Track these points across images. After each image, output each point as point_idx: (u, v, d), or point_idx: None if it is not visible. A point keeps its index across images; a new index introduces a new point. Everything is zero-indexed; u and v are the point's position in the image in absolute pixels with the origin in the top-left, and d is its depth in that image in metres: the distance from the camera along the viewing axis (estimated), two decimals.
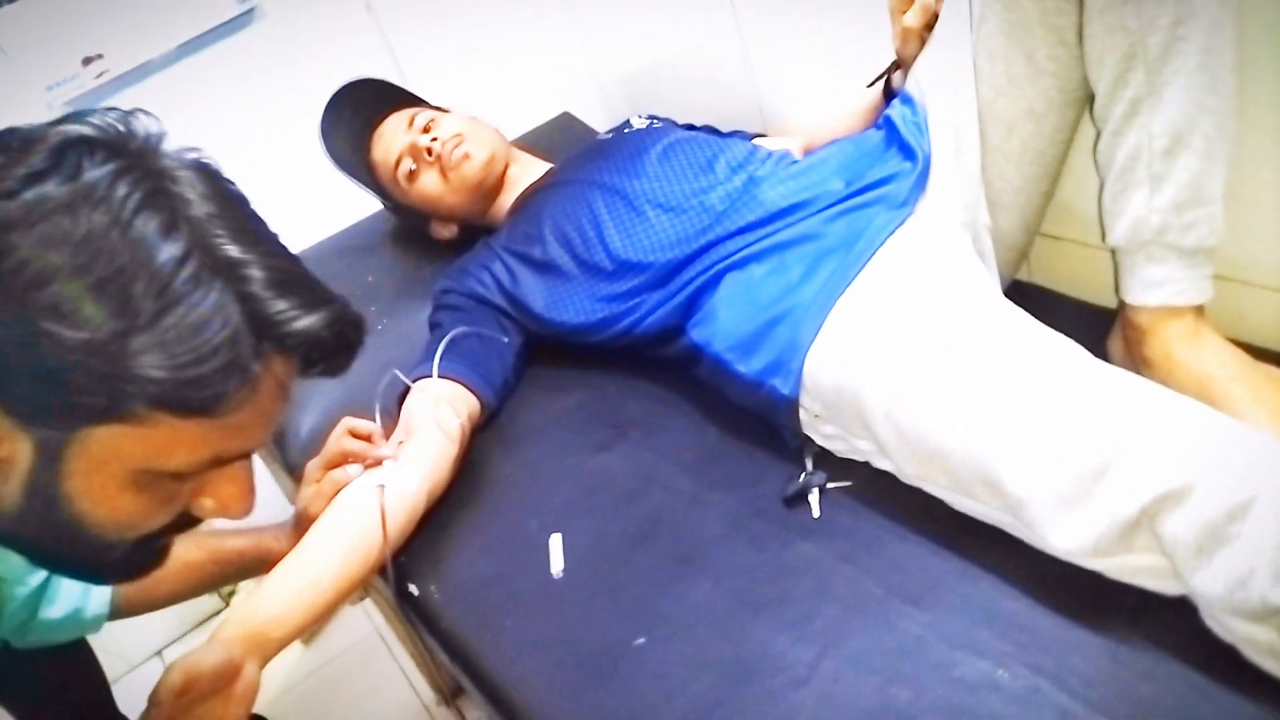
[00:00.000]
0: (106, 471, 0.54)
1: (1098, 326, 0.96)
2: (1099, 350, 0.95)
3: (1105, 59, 0.80)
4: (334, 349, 0.58)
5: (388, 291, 1.45)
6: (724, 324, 1.00)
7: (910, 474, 0.84)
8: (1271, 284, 0.92)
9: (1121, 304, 0.90)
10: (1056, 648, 0.72)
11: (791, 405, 0.93)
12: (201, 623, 2.03)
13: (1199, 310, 0.85)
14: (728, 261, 1.02)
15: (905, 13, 0.95)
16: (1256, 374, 0.81)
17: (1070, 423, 0.72)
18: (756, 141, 1.28)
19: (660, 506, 0.98)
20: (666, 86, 1.65)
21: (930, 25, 0.95)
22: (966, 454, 0.77)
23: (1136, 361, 0.88)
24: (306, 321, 0.56)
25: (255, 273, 0.54)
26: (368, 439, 1.05)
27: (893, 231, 0.93)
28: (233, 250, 0.54)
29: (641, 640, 0.84)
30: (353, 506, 0.97)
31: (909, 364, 0.82)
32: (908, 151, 0.96)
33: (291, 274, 0.57)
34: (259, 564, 1.02)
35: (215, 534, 1.05)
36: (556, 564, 0.95)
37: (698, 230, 1.07)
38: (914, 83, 0.98)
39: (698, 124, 1.44)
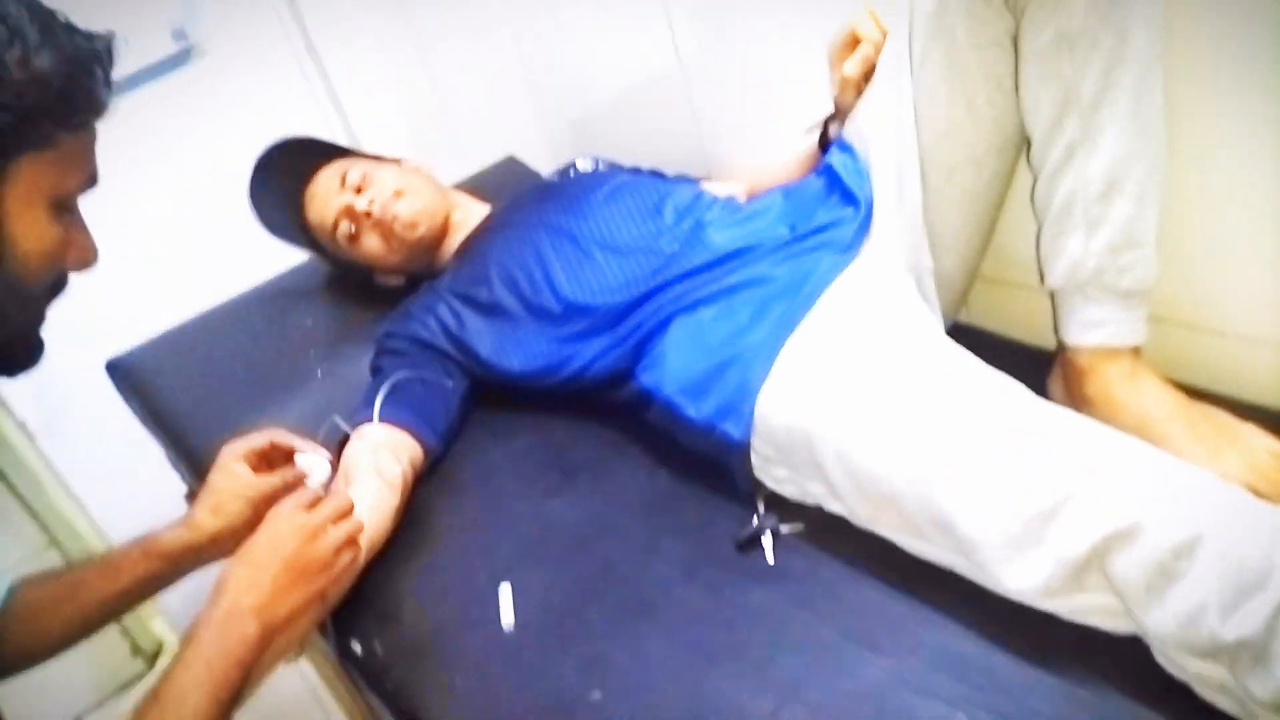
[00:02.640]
0: (34, 204, 0.71)
1: (1035, 367, 0.97)
2: (1039, 390, 0.97)
3: (1040, 105, 0.82)
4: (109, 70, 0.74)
5: (327, 337, 1.42)
6: (673, 367, 0.99)
7: (863, 516, 0.84)
8: (1209, 326, 0.95)
9: (1061, 344, 0.91)
10: (1015, 690, 0.72)
11: (743, 449, 0.93)
12: (123, 687, 1.93)
13: (1136, 351, 0.87)
14: (677, 305, 1.02)
15: (844, 62, 0.96)
16: (1193, 412, 0.83)
17: (1019, 464, 0.73)
18: (702, 186, 1.29)
19: (612, 554, 0.96)
20: (612, 130, 1.66)
21: (868, 76, 0.96)
22: (917, 496, 0.77)
23: (1077, 401, 0.90)
24: (101, 45, 0.72)
25: (56, 21, 0.70)
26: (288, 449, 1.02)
27: (838, 274, 0.93)
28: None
29: (597, 695, 0.82)
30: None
31: (859, 406, 0.82)
32: (849, 197, 0.97)
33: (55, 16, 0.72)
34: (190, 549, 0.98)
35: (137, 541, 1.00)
36: (507, 616, 0.92)
37: (647, 273, 1.07)
38: (853, 130, 0.99)
39: (643, 168, 1.45)
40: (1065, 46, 0.78)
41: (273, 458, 1.03)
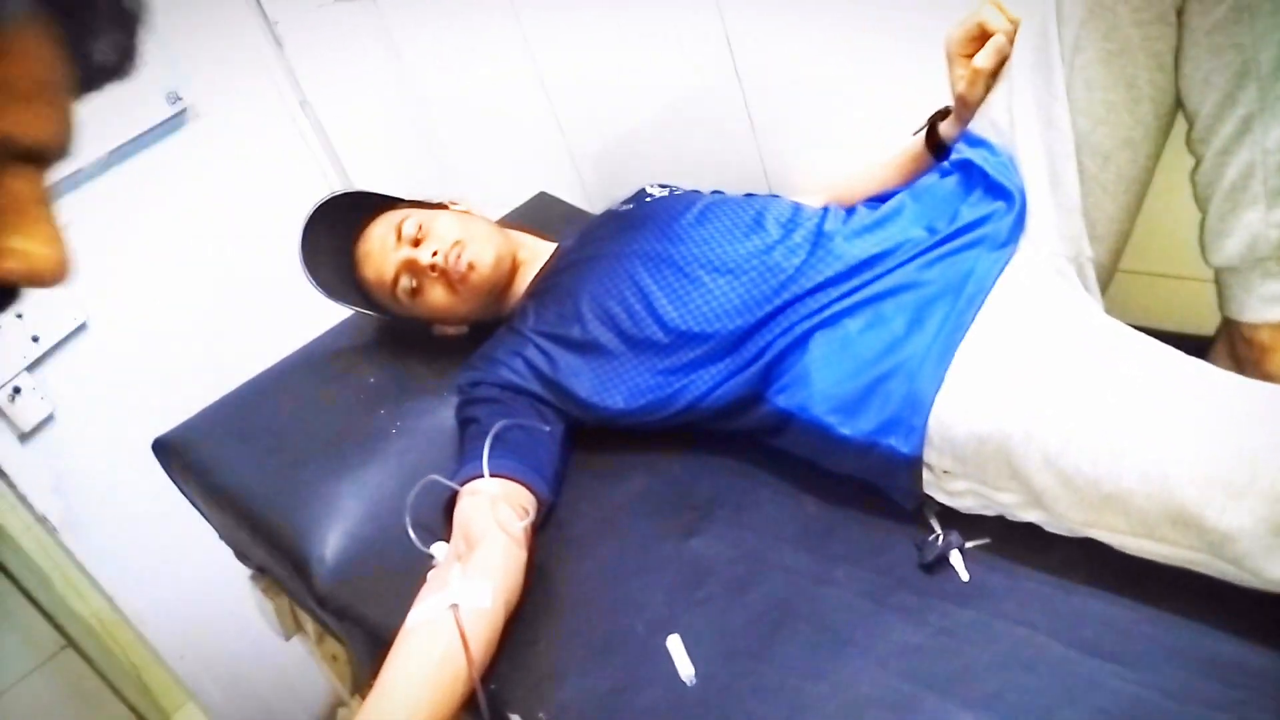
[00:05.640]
0: None
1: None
2: None
3: (1213, 79, 0.80)
4: None
5: (393, 392, 1.33)
6: (821, 386, 0.94)
7: (1076, 521, 0.79)
8: None
9: (1230, 324, 0.88)
10: None
11: (913, 464, 0.88)
12: None
13: None
14: (813, 320, 0.97)
15: (972, 55, 0.94)
16: None
17: (1263, 448, 0.69)
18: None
19: (783, 589, 0.90)
20: (650, 157, 1.61)
21: (997, 68, 0.94)
22: (1150, 494, 0.72)
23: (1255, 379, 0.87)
24: None
25: None
26: None
27: (999, 271, 0.89)
28: None
29: None
30: (425, 634, 0.85)
31: (1064, 405, 0.78)
32: (998, 191, 0.94)
33: None
34: None
35: None
36: (685, 668, 0.85)
37: (768, 292, 1.01)
38: (986, 123, 0.96)
39: (704, 190, 1.40)
40: (1246, 16, 0.76)
41: None
